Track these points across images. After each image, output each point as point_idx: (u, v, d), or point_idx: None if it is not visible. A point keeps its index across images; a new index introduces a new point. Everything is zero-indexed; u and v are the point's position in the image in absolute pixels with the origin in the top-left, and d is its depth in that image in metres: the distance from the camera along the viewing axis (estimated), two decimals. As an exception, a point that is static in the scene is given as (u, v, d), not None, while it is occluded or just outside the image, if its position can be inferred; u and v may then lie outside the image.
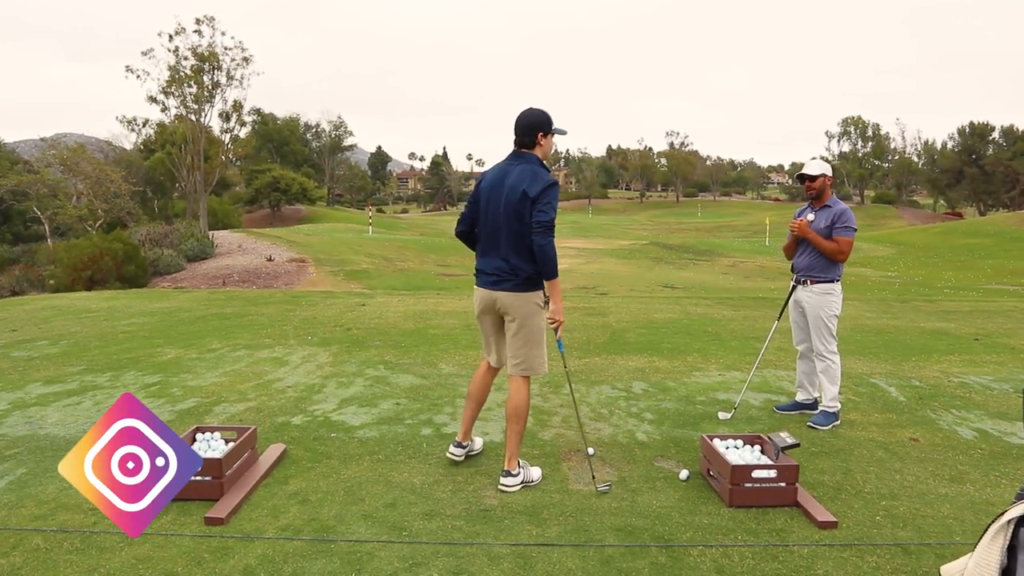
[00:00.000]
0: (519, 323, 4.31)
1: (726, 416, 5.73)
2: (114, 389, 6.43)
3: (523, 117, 4.33)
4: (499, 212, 4.22)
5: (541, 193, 4.13)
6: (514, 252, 4.22)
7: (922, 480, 4.55)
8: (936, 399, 6.39)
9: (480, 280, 4.43)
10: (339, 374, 6.95)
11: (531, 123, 4.30)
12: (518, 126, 4.32)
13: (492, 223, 4.28)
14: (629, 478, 4.51)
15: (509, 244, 4.22)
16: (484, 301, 4.42)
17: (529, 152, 4.33)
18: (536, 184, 4.15)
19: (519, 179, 4.18)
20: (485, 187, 4.34)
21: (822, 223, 5.55)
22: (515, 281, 4.26)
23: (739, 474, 4.08)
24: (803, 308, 5.68)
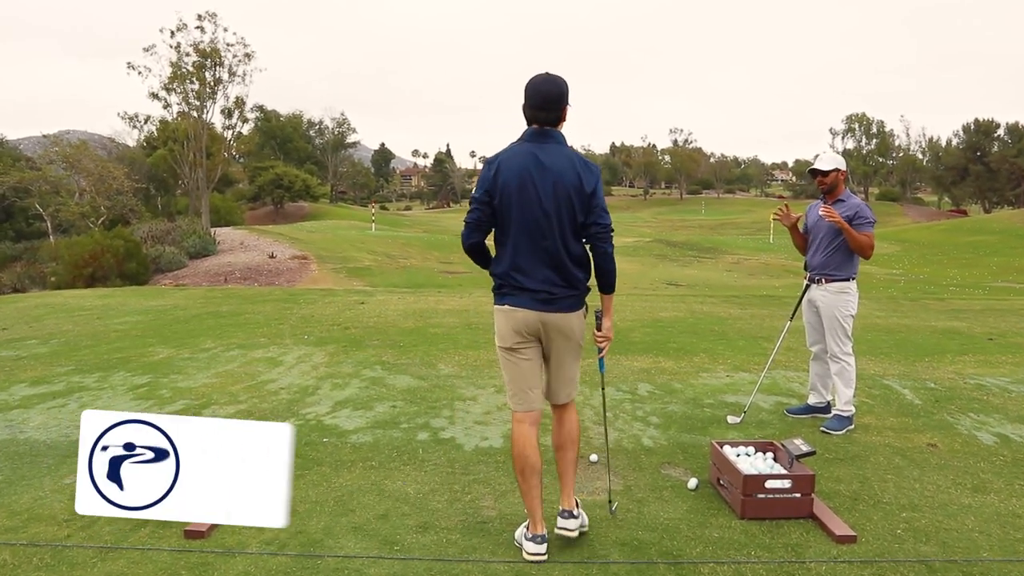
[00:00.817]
0: (577, 345, 3.56)
1: (736, 420, 5.50)
2: (101, 391, 6.23)
3: (546, 85, 3.39)
4: (543, 208, 3.32)
5: (597, 184, 3.41)
6: (570, 260, 3.39)
7: (943, 489, 4.32)
8: (953, 402, 6.16)
9: (519, 299, 3.40)
10: (334, 375, 6.74)
11: (560, 93, 3.39)
12: (541, 97, 3.37)
13: (532, 223, 3.34)
14: (635, 487, 4.29)
15: (563, 250, 3.37)
16: (528, 326, 3.42)
17: (555, 130, 3.45)
18: (590, 175, 3.39)
19: (566, 166, 3.35)
20: (511, 178, 3.33)
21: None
22: (576, 297, 3.46)
23: (751, 484, 3.85)
24: (817, 308, 5.44)
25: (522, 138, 3.46)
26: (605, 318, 3.60)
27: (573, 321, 3.47)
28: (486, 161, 3.48)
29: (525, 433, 3.50)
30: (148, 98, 49.17)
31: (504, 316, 3.47)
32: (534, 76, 3.42)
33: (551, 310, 3.41)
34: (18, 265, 35.99)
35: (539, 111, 3.39)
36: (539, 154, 3.35)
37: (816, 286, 5.42)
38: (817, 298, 5.42)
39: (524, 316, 3.42)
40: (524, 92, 3.41)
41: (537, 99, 3.38)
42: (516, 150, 3.41)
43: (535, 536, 3.41)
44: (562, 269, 3.39)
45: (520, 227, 3.37)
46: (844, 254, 5.27)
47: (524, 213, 3.34)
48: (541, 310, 3.40)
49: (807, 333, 5.66)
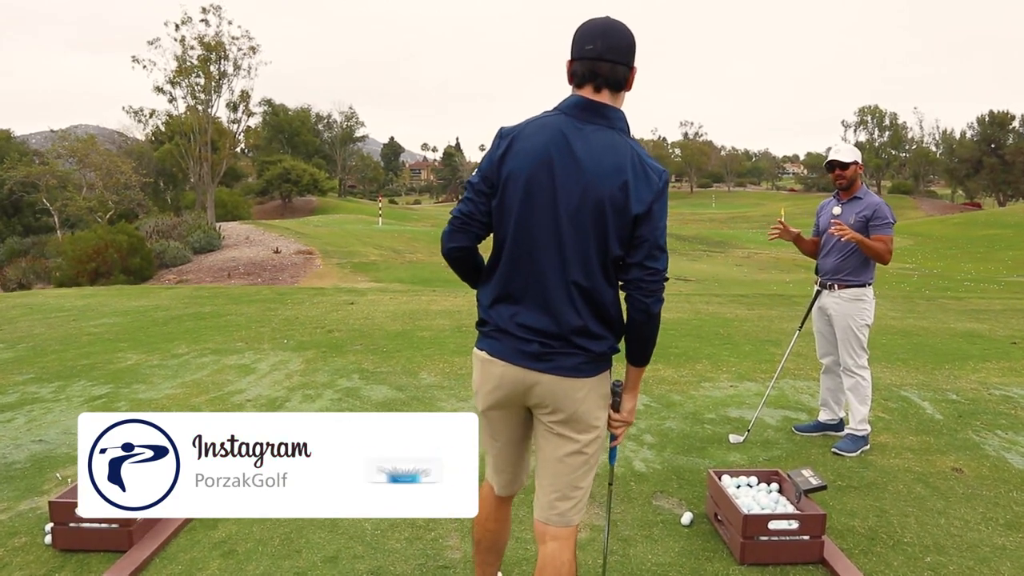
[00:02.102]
0: (583, 437, 2.37)
1: (738, 440, 5.00)
2: (55, 403, 5.78)
3: (613, 29, 2.26)
4: (556, 220, 2.24)
5: (654, 203, 2.24)
6: (585, 302, 2.28)
7: (972, 526, 3.81)
8: (977, 417, 5.63)
9: (499, 346, 2.37)
10: (308, 385, 6.27)
11: (631, 42, 2.27)
12: (606, 44, 2.24)
13: (537, 238, 2.27)
14: (622, 522, 3.80)
15: (574, 287, 2.26)
16: (510, 385, 2.36)
17: (613, 107, 2.30)
18: (645, 186, 2.23)
19: (610, 163, 2.22)
20: (522, 165, 2.25)
21: (851, 217, 4.76)
22: (581, 358, 2.31)
23: (753, 525, 3.36)
24: (829, 316, 4.91)
25: (557, 108, 2.32)
26: (627, 396, 2.48)
27: (575, 392, 2.31)
28: (498, 133, 2.36)
29: (488, 504, 2.64)
30: (153, 92, 48.82)
31: (478, 366, 2.47)
32: (587, 20, 2.30)
33: (541, 369, 2.30)
34: (24, 260, 35.77)
35: (600, 62, 2.22)
36: (572, 137, 2.23)
37: (828, 292, 4.89)
38: (829, 305, 4.89)
39: (502, 372, 2.35)
40: (573, 41, 2.28)
41: (598, 43, 2.22)
42: (543, 122, 2.29)
43: None
44: (566, 314, 2.27)
45: (519, 240, 2.29)
46: (859, 257, 4.75)
47: (528, 223, 2.26)
48: (527, 366, 2.31)
49: (817, 344, 5.14)
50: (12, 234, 51.82)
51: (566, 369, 2.29)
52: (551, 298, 2.26)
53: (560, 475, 2.38)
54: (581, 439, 2.36)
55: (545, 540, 2.41)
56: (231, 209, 57.18)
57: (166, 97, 49.43)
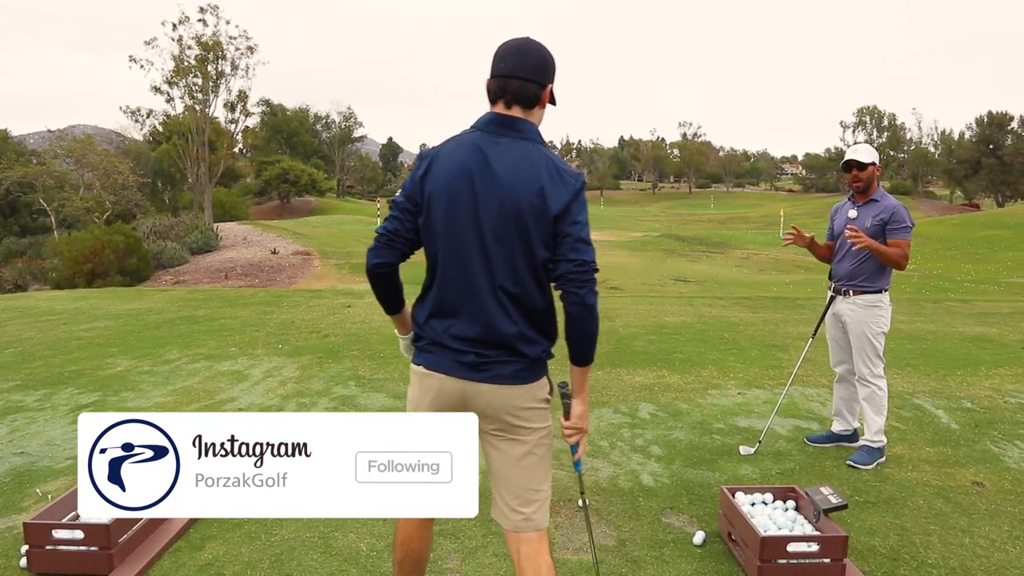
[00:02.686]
0: (529, 439, 2.41)
1: (749, 451, 4.81)
2: (40, 411, 5.58)
3: (526, 49, 2.36)
4: (480, 233, 2.29)
5: (572, 203, 2.29)
6: (517, 310, 2.34)
7: (999, 545, 3.62)
8: (994, 426, 5.45)
9: (436, 359, 2.39)
10: (302, 392, 6.08)
11: (543, 61, 2.37)
12: (514, 60, 2.34)
13: (464, 253, 2.31)
14: (630, 541, 3.61)
15: (506, 296, 2.31)
16: (448, 397, 2.38)
17: (526, 120, 2.37)
18: (561, 188, 2.28)
19: (524, 171, 2.28)
20: (442, 182, 2.31)
21: (868, 221, 4.57)
22: (518, 364, 2.36)
23: (771, 548, 3.17)
24: (844, 323, 4.71)
25: (474, 126, 2.40)
26: (575, 401, 2.49)
27: (514, 399, 2.35)
28: (419, 155, 2.46)
29: (414, 519, 2.58)
30: (150, 92, 48.56)
31: (415, 380, 2.46)
32: (507, 40, 2.40)
33: (479, 379, 2.33)
34: (20, 261, 35.56)
35: (510, 79, 2.33)
36: (489, 151, 2.30)
37: (843, 298, 4.70)
38: (844, 312, 4.69)
39: (440, 385, 2.37)
40: (492, 59, 2.39)
41: (508, 62, 2.33)
42: (460, 140, 2.37)
43: None
44: (500, 322, 2.31)
45: (448, 255, 2.33)
46: (875, 262, 4.55)
47: (454, 237, 2.30)
48: (465, 377, 2.33)
49: (831, 351, 4.94)
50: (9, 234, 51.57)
51: (504, 377, 2.33)
52: (484, 308, 2.31)
53: (516, 480, 2.40)
54: (528, 440, 2.40)
55: (519, 547, 2.41)
56: (229, 209, 56.96)
57: (163, 97, 49.22)
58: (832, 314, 4.80)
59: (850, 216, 4.67)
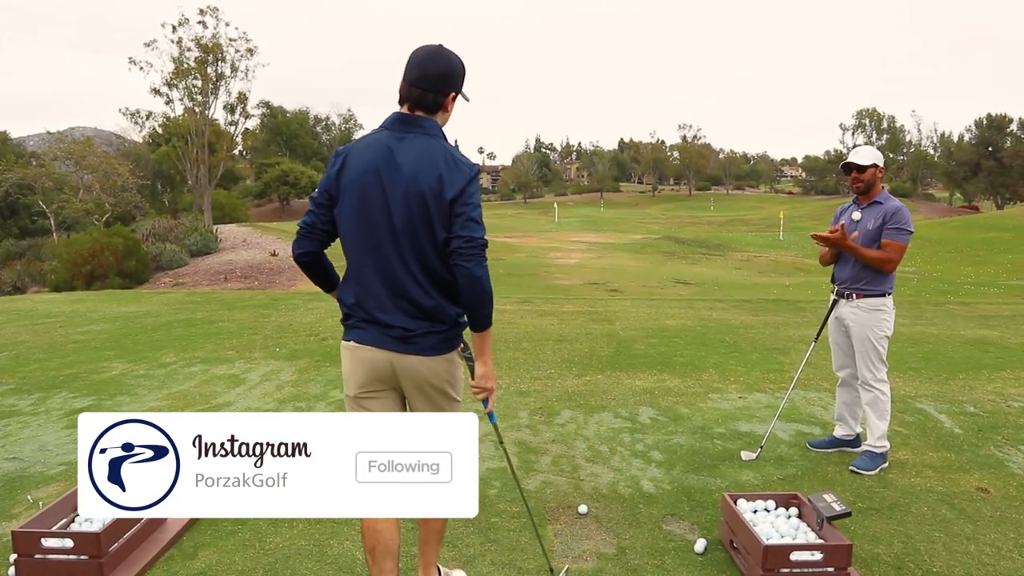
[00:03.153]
0: (448, 403, 2.74)
1: (751, 456, 4.75)
2: (34, 416, 5.53)
3: (430, 59, 2.65)
4: (391, 221, 2.58)
5: (465, 189, 2.58)
6: (429, 284, 2.61)
7: (1005, 553, 3.57)
8: (998, 431, 5.39)
9: (366, 334, 2.66)
10: (299, 397, 6.02)
11: (444, 73, 2.65)
12: (418, 71, 2.63)
13: (376, 239, 2.60)
14: (630, 549, 3.55)
15: (419, 275, 2.60)
16: (377, 371, 2.67)
17: (428, 118, 2.67)
18: (456, 175, 2.58)
19: (424, 163, 2.58)
20: (354, 176, 2.62)
21: (870, 223, 4.52)
22: (438, 336, 2.66)
23: (774, 556, 3.11)
24: (847, 327, 4.65)
25: (382, 125, 2.70)
26: (478, 363, 2.70)
27: (436, 368, 2.68)
28: (334, 153, 2.75)
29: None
30: (150, 94, 48.51)
31: (347, 355, 2.74)
32: (421, 46, 2.69)
33: (407, 351, 2.63)
34: (19, 263, 35.53)
35: (412, 87, 2.64)
36: (395, 148, 2.61)
37: (845, 302, 4.64)
38: (847, 316, 4.63)
39: (372, 357, 2.66)
40: (405, 63, 2.68)
41: (413, 72, 2.64)
42: (369, 140, 2.69)
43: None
44: (417, 299, 2.61)
45: (364, 241, 2.63)
46: (872, 268, 4.51)
47: (367, 226, 2.61)
48: (394, 350, 2.63)
49: (834, 355, 4.88)
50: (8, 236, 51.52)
51: (427, 349, 2.64)
52: (402, 285, 2.60)
53: None
54: (446, 408, 2.72)
55: None
56: (228, 212, 56.92)
57: (163, 99, 49.15)
58: (835, 318, 4.74)
59: (854, 218, 4.62)
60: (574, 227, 63.16)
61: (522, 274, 24.42)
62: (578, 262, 31.22)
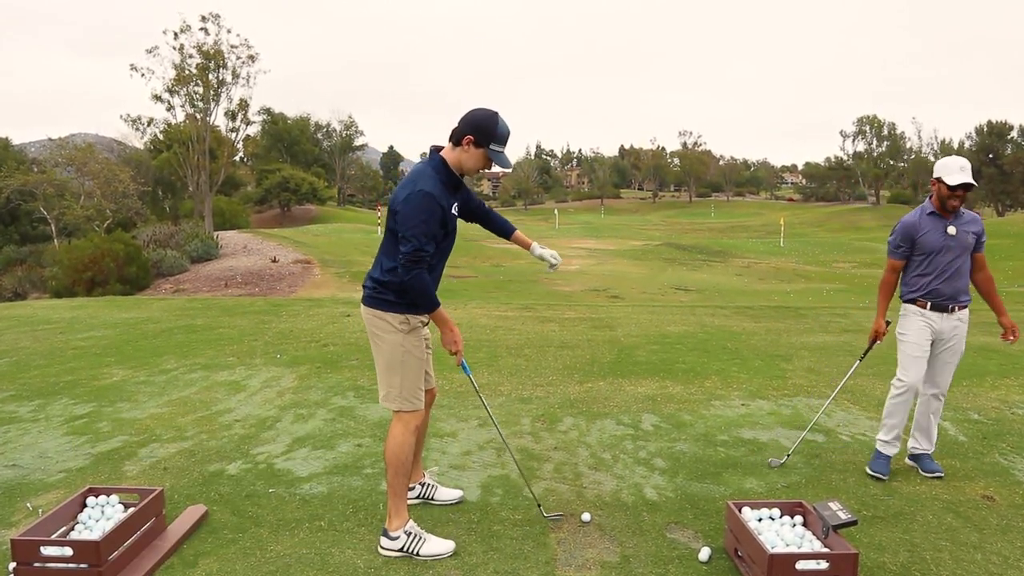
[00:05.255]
0: (377, 345, 3.61)
1: (778, 463, 4.72)
2: (34, 423, 5.49)
3: (469, 112, 3.46)
4: (388, 220, 3.53)
5: (401, 205, 3.34)
6: (380, 259, 3.56)
7: (1012, 562, 3.53)
8: (1003, 438, 5.36)
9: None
10: (300, 403, 5.99)
11: (468, 119, 3.41)
12: (463, 117, 3.45)
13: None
14: (634, 558, 3.52)
15: (380, 254, 3.57)
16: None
17: (439, 147, 3.51)
18: (403, 190, 3.37)
19: (404, 179, 3.43)
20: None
21: (968, 237, 4.51)
22: (367, 292, 3.61)
23: (779, 566, 3.08)
24: (947, 340, 4.57)
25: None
26: (441, 332, 3.64)
27: (366, 314, 3.60)
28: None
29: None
30: (151, 100, 48.57)
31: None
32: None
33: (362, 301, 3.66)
34: (20, 269, 35.53)
35: (456, 126, 3.49)
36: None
37: (947, 315, 4.54)
38: (949, 329, 4.54)
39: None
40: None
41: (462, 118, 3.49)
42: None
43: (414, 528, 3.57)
44: (373, 269, 3.59)
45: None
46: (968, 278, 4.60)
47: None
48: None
49: (920, 369, 4.62)
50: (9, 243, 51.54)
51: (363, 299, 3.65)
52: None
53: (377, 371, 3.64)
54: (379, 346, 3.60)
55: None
56: (229, 218, 56.89)
57: (164, 106, 49.19)
58: (934, 331, 4.57)
59: (950, 233, 4.47)
60: (575, 233, 63.15)
61: (523, 281, 24.40)
62: (579, 268, 31.20)
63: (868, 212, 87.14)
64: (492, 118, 3.40)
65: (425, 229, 3.29)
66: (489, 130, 3.38)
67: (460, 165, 3.46)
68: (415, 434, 3.62)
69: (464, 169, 3.48)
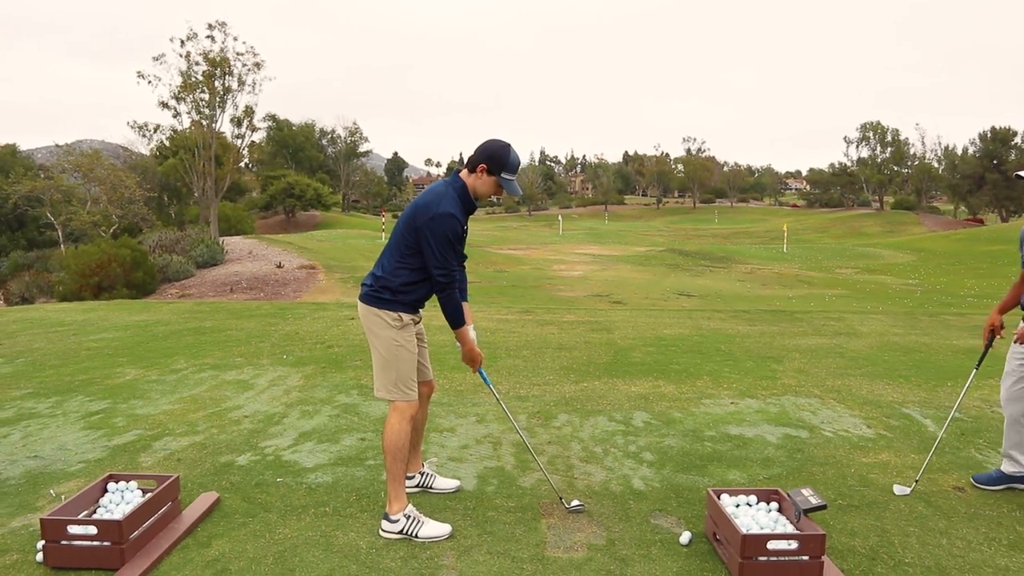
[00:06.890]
0: (372, 343, 3.93)
1: (905, 491, 4.42)
2: (52, 418, 5.75)
3: (484, 143, 3.84)
4: (399, 224, 3.84)
5: (428, 223, 3.69)
6: (383, 259, 3.92)
7: (975, 546, 3.76)
8: (980, 435, 5.59)
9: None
10: (306, 401, 6.24)
11: (482, 149, 3.79)
12: (478, 147, 3.83)
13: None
14: (619, 541, 3.76)
15: (381, 259, 3.93)
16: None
17: (460, 169, 3.89)
18: (426, 209, 3.71)
19: (427, 196, 3.77)
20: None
21: None
22: (365, 290, 3.94)
23: (751, 545, 3.32)
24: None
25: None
26: (462, 348, 4.12)
27: (362, 310, 3.94)
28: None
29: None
30: (158, 107, 49.01)
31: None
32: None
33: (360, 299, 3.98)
34: (28, 274, 35.85)
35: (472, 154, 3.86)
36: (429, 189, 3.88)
37: None
38: None
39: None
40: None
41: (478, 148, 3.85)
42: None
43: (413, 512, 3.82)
44: (375, 268, 3.93)
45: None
46: None
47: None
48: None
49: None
50: (16, 248, 52.00)
51: (361, 296, 4.01)
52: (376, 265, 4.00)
53: (374, 365, 3.97)
54: (374, 343, 3.93)
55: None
56: (234, 223, 57.30)
57: (171, 112, 49.67)
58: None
59: None
60: (578, 239, 63.42)
61: (526, 286, 24.65)
62: (582, 274, 31.42)
63: (872, 218, 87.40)
64: (504, 149, 3.75)
65: (450, 249, 3.71)
66: (501, 160, 3.74)
67: (475, 190, 3.81)
68: (411, 423, 3.90)
69: (478, 194, 3.82)
